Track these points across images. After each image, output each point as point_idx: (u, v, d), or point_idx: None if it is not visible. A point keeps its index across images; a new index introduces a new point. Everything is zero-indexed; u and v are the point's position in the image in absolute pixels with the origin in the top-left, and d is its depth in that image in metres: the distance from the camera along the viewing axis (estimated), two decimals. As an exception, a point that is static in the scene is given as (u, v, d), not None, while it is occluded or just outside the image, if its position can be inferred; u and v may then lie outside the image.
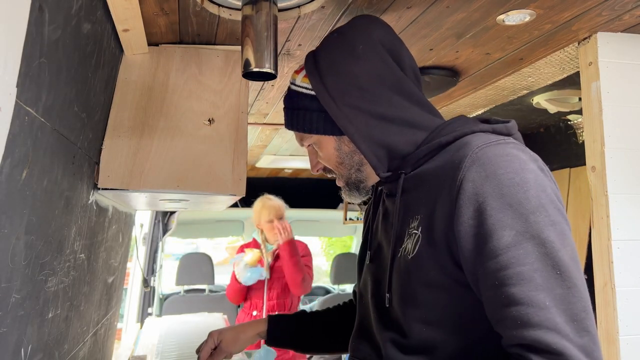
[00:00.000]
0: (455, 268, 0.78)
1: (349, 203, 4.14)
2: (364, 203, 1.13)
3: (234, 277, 2.95)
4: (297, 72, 1.00)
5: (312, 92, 0.94)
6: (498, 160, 0.75)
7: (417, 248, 0.82)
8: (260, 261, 2.86)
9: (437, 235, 0.79)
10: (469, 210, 0.74)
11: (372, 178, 0.97)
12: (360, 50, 0.92)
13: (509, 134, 0.85)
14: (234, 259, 2.93)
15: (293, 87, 0.99)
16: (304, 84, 0.96)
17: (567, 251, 0.72)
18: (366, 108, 0.90)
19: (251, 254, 2.83)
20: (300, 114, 0.96)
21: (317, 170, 1.03)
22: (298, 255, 2.83)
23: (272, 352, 1.39)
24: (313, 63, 0.96)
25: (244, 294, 2.95)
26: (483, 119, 0.90)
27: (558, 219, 0.73)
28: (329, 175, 1.02)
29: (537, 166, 0.77)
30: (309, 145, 1.00)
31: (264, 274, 2.82)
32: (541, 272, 0.70)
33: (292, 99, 0.98)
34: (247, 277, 2.81)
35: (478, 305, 0.77)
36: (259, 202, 2.97)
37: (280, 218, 2.91)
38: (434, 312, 0.82)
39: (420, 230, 0.82)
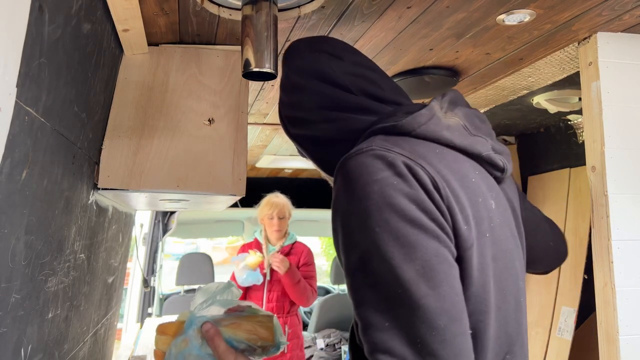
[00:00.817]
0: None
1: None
2: None
3: (233, 277, 2.95)
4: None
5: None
6: (348, 176, 0.73)
7: None
8: (260, 266, 2.86)
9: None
10: (335, 227, 0.74)
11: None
12: (305, 59, 0.96)
13: (402, 133, 0.79)
14: (236, 257, 2.93)
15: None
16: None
17: (414, 266, 0.65)
18: (320, 116, 0.92)
19: (254, 257, 2.83)
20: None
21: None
22: (299, 279, 2.85)
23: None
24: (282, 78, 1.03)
25: (243, 295, 2.95)
26: (411, 109, 0.84)
27: (405, 231, 0.67)
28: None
29: (394, 172, 0.70)
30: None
31: (260, 279, 2.83)
32: (381, 293, 0.66)
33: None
34: (243, 279, 2.81)
35: None
36: (265, 198, 3.01)
37: (282, 217, 2.93)
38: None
39: None
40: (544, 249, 1.08)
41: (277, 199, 2.97)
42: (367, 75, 0.92)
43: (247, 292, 2.95)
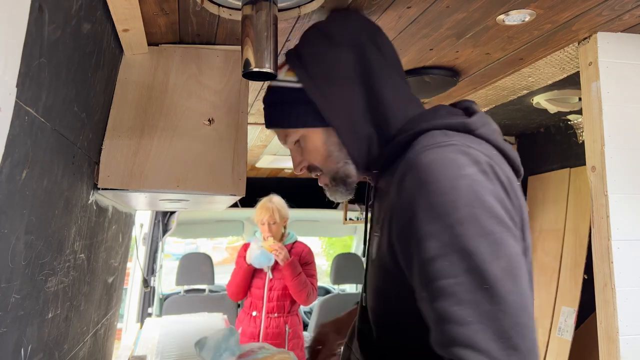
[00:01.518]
0: (401, 275, 0.77)
1: (349, 203, 4.14)
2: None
3: (235, 272, 2.96)
4: (279, 67, 0.99)
5: (298, 85, 0.92)
6: (431, 167, 0.72)
7: (376, 250, 0.84)
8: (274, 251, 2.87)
9: (385, 243, 0.80)
10: (403, 221, 0.73)
11: (357, 174, 0.96)
12: (338, 39, 0.92)
13: (467, 131, 0.80)
14: (251, 239, 2.96)
15: (275, 83, 0.97)
16: (287, 77, 0.95)
17: (500, 263, 0.67)
18: (349, 98, 0.89)
19: (272, 240, 2.85)
20: (285, 109, 0.94)
21: (301, 170, 1.00)
22: (300, 273, 2.85)
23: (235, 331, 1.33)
24: (295, 56, 0.95)
25: (245, 290, 2.95)
26: (452, 111, 0.87)
27: (493, 228, 0.68)
28: (313, 174, 1.00)
29: (479, 169, 0.72)
30: (295, 141, 0.97)
31: (271, 260, 2.83)
32: (466, 287, 0.66)
33: (275, 94, 0.96)
34: (256, 256, 2.81)
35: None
36: (260, 202, 2.99)
37: (274, 223, 2.91)
38: (388, 315, 0.85)
39: (379, 233, 0.84)
40: None
41: (269, 204, 2.93)
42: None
43: (249, 292, 2.95)
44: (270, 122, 0.99)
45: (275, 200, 2.98)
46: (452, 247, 0.68)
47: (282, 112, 0.95)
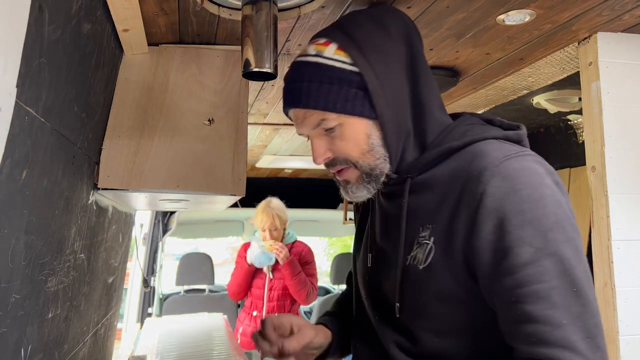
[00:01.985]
0: (470, 281, 0.77)
1: (349, 203, 4.13)
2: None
3: (235, 272, 2.97)
4: (318, 44, 0.87)
5: (352, 67, 0.83)
6: (518, 175, 0.74)
7: (429, 259, 0.80)
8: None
9: (454, 248, 0.77)
10: (489, 226, 0.73)
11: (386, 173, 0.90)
12: (394, 32, 0.87)
13: (519, 142, 0.83)
14: (252, 238, 2.94)
15: (322, 59, 0.85)
16: (339, 56, 0.84)
17: (582, 267, 0.72)
18: (401, 94, 0.86)
19: (272, 241, 2.85)
20: (334, 90, 0.83)
21: (324, 160, 0.89)
22: (299, 272, 2.85)
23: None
24: (346, 37, 0.85)
25: (246, 290, 2.95)
26: (488, 119, 0.89)
27: (573, 235, 0.73)
28: (333, 169, 0.90)
29: (553, 180, 0.75)
30: (329, 128, 0.86)
31: (272, 259, 2.83)
32: (558, 290, 0.70)
33: (324, 72, 0.84)
34: (257, 255, 2.80)
35: (490, 317, 0.77)
36: (259, 206, 2.96)
37: (275, 229, 2.89)
38: (446, 324, 0.81)
39: (432, 240, 0.80)
40: None
41: (268, 211, 2.89)
42: None
43: (250, 292, 2.95)
44: (304, 100, 0.85)
45: (275, 205, 2.94)
46: (544, 253, 0.70)
47: (326, 92, 0.83)
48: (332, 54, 0.84)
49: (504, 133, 0.84)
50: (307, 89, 0.84)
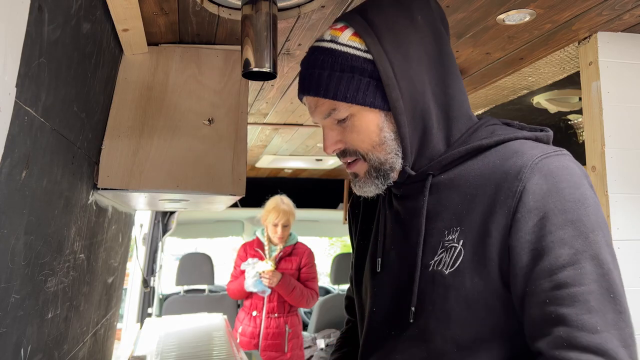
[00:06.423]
0: (501, 286, 0.74)
1: (349, 203, 4.13)
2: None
3: (234, 275, 2.98)
4: (334, 29, 0.83)
5: (368, 55, 0.79)
6: (559, 173, 0.71)
7: (457, 263, 0.75)
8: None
9: (488, 250, 0.73)
10: (528, 225, 0.70)
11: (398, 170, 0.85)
12: (419, 20, 0.81)
13: (548, 143, 0.80)
14: (246, 263, 2.92)
15: (336, 45, 0.81)
16: (353, 43, 0.80)
17: (618, 273, 0.70)
18: (422, 87, 0.80)
19: (268, 266, 2.84)
20: (345, 78, 0.79)
21: (334, 151, 0.86)
22: (294, 286, 2.87)
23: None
24: (364, 23, 0.80)
25: (246, 293, 2.96)
26: (506, 122, 0.87)
27: (610, 239, 0.71)
28: (344, 160, 0.87)
29: (588, 182, 0.73)
30: (341, 118, 0.82)
31: (266, 291, 2.87)
32: (596, 295, 0.67)
33: (336, 59, 0.80)
34: (251, 283, 2.85)
35: (515, 330, 0.74)
36: (272, 202, 2.99)
37: (287, 225, 2.94)
38: (468, 331, 0.76)
39: (461, 243, 0.76)
40: None
41: (283, 207, 2.94)
42: None
43: (250, 293, 2.96)
44: (314, 88, 0.82)
45: (287, 202, 3.00)
46: (584, 255, 0.68)
47: (337, 81, 0.79)
48: (347, 40, 0.81)
49: (534, 134, 0.81)
50: (317, 77, 0.81)
